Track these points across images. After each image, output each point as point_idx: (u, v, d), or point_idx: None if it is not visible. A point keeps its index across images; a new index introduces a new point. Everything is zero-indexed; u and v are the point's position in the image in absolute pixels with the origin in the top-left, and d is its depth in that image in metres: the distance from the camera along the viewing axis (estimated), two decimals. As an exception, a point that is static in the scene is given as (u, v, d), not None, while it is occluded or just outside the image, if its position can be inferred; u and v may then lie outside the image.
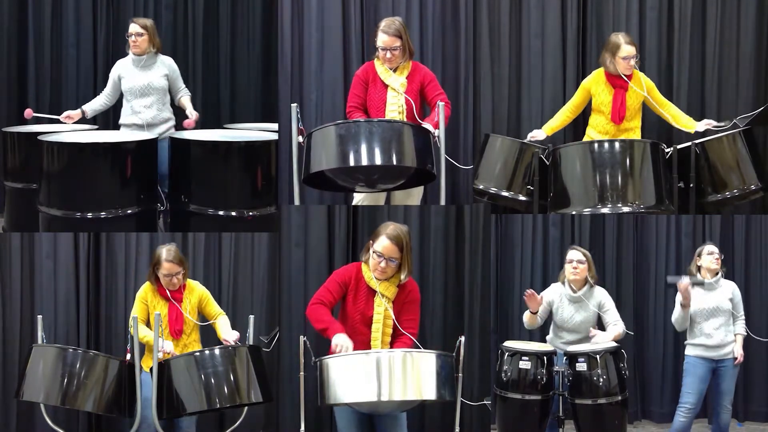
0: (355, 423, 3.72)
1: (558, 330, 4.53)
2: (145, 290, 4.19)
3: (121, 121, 5.34)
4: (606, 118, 4.78)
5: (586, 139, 4.88)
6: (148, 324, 4.12)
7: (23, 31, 6.44)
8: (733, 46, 5.34)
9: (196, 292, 4.25)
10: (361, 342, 3.70)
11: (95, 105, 5.33)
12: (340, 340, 3.56)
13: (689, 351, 4.57)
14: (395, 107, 4.41)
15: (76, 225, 4.67)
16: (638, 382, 5.38)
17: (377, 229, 3.74)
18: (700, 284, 4.44)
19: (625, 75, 4.73)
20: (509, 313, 5.28)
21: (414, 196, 4.66)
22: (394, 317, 3.72)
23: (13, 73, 6.47)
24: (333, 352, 3.55)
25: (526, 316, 4.52)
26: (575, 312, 4.46)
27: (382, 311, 3.71)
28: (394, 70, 4.44)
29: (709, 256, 4.54)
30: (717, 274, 4.55)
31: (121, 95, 5.32)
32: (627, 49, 4.71)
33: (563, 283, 4.52)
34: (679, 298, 4.52)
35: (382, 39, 4.41)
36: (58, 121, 5.29)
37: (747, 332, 4.64)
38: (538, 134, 4.90)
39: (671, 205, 4.47)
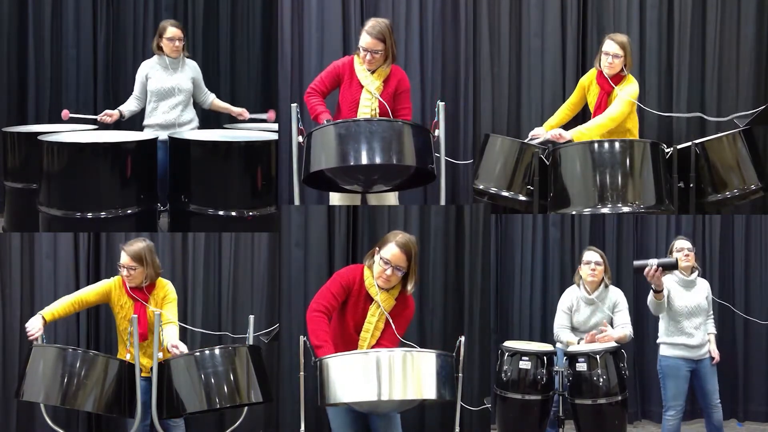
0: (349, 423, 3.72)
1: (575, 332, 4.53)
2: (109, 285, 4.12)
3: (146, 122, 5.33)
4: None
5: None
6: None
7: (23, 31, 6.44)
8: (733, 46, 5.35)
9: (164, 290, 4.14)
10: (348, 348, 3.66)
11: (130, 106, 5.30)
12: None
13: (667, 351, 4.49)
14: (368, 110, 4.33)
15: (76, 225, 4.67)
16: (638, 382, 5.38)
17: (385, 236, 3.72)
18: (672, 267, 4.21)
19: (606, 73, 4.67)
20: (509, 313, 5.28)
21: (390, 195, 4.61)
22: (392, 325, 3.68)
23: (13, 73, 6.47)
24: None
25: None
26: (591, 314, 4.47)
27: (374, 321, 3.68)
28: (372, 72, 4.36)
29: (678, 253, 4.47)
30: (693, 271, 4.51)
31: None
32: (607, 45, 4.64)
33: (579, 285, 4.52)
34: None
35: (364, 40, 4.31)
36: (95, 121, 5.29)
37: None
38: (539, 132, 4.78)
39: (671, 205, 4.47)
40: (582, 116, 5.00)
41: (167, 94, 5.23)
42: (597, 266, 4.46)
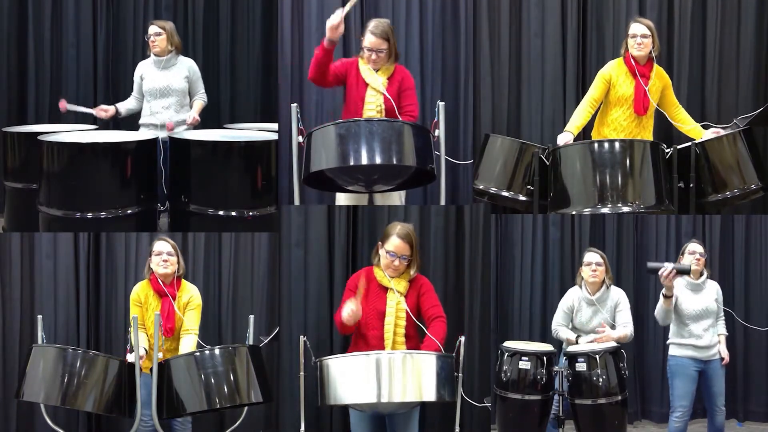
0: (366, 420, 3.78)
1: (576, 333, 4.53)
2: (137, 291, 4.18)
3: (141, 121, 5.37)
4: (626, 110, 4.68)
5: (598, 138, 4.83)
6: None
7: (23, 31, 6.44)
8: (733, 46, 5.35)
9: (189, 294, 4.22)
10: (375, 337, 3.78)
11: (129, 105, 5.39)
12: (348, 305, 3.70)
13: (676, 351, 4.52)
14: (373, 106, 4.36)
15: (76, 225, 4.67)
16: (638, 382, 5.38)
17: (386, 230, 3.86)
18: (686, 272, 4.25)
19: (635, 55, 4.62)
20: (509, 313, 5.28)
21: (394, 195, 4.65)
22: (408, 309, 3.79)
23: (13, 73, 6.46)
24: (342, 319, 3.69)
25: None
26: (593, 315, 4.46)
27: (394, 305, 3.80)
28: (377, 71, 4.40)
29: (690, 256, 4.52)
30: (702, 274, 4.54)
31: None
32: (633, 27, 4.63)
33: (580, 286, 4.52)
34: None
35: (369, 40, 4.36)
36: (91, 115, 5.33)
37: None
38: (568, 137, 4.62)
39: (671, 205, 4.47)
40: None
41: (160, 93, 5.25)
42: (598, 267, 4.46)
